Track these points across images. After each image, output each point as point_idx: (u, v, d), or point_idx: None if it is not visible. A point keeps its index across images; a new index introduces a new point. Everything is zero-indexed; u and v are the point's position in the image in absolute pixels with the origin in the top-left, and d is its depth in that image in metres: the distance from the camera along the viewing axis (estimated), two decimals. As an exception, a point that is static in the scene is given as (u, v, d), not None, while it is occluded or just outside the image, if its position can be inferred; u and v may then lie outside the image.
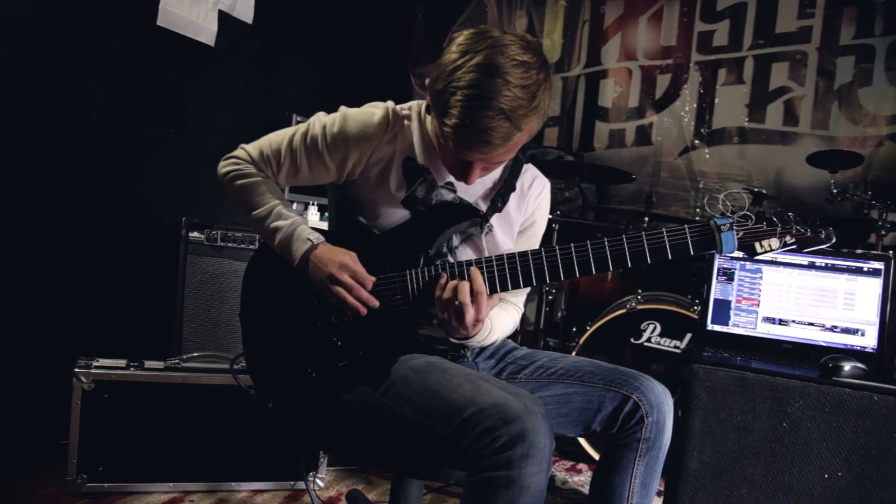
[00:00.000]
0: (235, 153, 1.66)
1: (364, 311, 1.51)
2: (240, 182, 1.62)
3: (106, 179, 2.68)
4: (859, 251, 2.66)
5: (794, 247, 1.47)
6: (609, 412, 1.59)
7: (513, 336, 3.60)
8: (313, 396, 1.55)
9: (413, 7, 4.89)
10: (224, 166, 1.65)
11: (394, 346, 1.53)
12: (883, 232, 2.95)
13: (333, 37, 4.00)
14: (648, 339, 2.91)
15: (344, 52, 4.12)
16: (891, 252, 2.85)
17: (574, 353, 2.95)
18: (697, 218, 4.34)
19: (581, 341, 2.96)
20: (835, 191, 3.02)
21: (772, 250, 1.47)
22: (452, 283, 1.47)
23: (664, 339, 2.89)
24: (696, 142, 4.58)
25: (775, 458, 1.74)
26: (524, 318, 3.92)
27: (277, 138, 1.63)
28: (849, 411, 1.69)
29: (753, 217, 1.47)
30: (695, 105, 4.60)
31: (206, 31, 2.93)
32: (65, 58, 2.48)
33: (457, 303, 1.44)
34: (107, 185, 2.68)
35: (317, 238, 1.55)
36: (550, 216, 3.43)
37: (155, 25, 2.73)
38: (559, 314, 3.49)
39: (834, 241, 1.48)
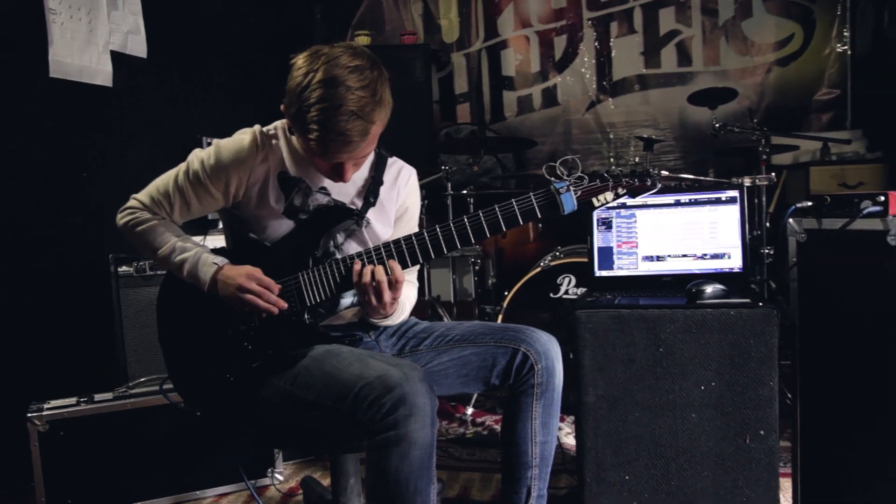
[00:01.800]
0: (129, 204, 1.80)
1: (276, 310, 1.68)
2: (139, 228, 1.77)
3: (33, 228, 2.79)
4: (717, 180, 2.90)
5: (626, 196, 1.68)
6: (503, 366, 1.80)
7: (448, 308, 3.78)
8: (234, 398, 1.72)
9: (312, 9, 5.00)
10: (121, 218, 1.80)
11: (297, 341, 1.71)
12: (764, 157, 3.18)
13: (237, 52, 4.09)
14: (566, 292, 3.11)
15: (250, 65, 4.20)
16: (774, 175, 3.12)
17: (500, 319, 3.15)
18: (617, 169, 4.55)
19: (504, 305, 3.16)
20: (717, 125, 3.23)
21: (608, 202, 1.67)
22: (368, 267, 1.65)
23: (580, 290, 3.09)
24: (601, 95, 4.80)
25: (658, 381, 1.96)
26: (462, 290, 4.11)
27: (164, 181, 1.78)
28: (713, 328, 1.91)
29: (587, 177, 1.67)
30: (594, 61, 4.80)
31: (101, 74, 3.02)
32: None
33: (374, 283, 1.64)
34: (34, 233, 2.79)
35: (221, 261, 1.71)
36: (465, 192, 3.62)
37: (49, 77, 2.81)
38: (490, 281, 3.68)
39: (659, 186, 1.69)
